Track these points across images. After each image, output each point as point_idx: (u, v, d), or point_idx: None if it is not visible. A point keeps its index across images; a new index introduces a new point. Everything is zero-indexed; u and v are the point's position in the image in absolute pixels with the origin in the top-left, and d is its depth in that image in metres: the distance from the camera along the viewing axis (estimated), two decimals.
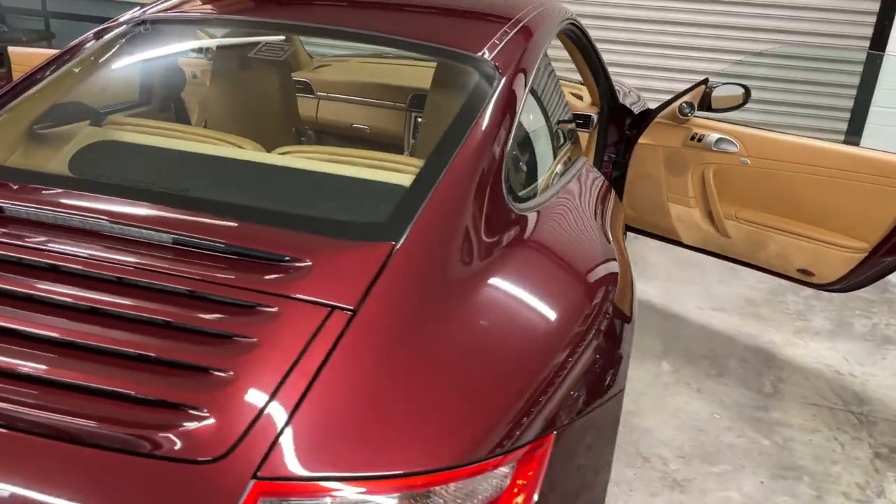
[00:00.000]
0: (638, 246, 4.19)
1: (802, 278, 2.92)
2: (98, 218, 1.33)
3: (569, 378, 1.32)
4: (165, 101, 2.54)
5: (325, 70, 3.61)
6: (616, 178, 3.30)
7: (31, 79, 1.88)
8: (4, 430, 1.03)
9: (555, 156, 2.12)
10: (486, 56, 1.84)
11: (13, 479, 1.00)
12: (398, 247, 1.32)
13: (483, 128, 1.64)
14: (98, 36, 2.03)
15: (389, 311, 1.23)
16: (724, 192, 2.99)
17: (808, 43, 5.24)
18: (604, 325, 1.52)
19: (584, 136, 3.48)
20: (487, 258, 1.43)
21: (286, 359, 1.12)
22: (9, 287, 1.21)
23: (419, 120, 3.15)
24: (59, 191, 1.43)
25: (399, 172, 1.65)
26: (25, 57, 3.30)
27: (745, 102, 3.01)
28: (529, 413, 1.20)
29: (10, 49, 3.23)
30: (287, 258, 1.27)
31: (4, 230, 1.32)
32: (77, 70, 1.99)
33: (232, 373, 1.10)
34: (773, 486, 2.39)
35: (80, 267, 1.24)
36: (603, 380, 1.44)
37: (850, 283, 2.83)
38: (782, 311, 3.59)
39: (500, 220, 1.53)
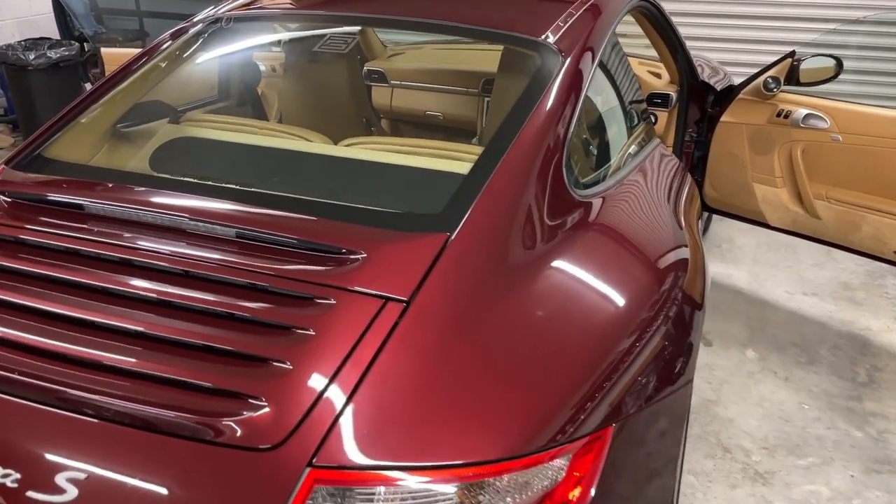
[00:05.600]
0: (724, 228, 4.04)
1: None
2: (168, 214, 1.39)
3: (630, 368, 1.29)
4: (243, 97, 2.62)
5: (398, 58, 3.64)
6: (698, 158, 3.19)
7: (114, 80, 1.98)
8: (74, 415, 1.10)
9: (624, 139, 2.07)
10: (549, 39, 1.81)
11: (80, 462, 1.07)
12: (452, 237, 1.32)
13: (542, 113, 1.62)
14: (175, 36, 2.11)
15: (443, 301, 1.23)
16: (814, 170, 2.83)
17: None
18: (671, 312, 1.47)
19: (663, 115, 3.37)
20: (546, 246, 1.41)
21: (341, 350, 1.14)
22: (85, 280, 1.28)
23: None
24: (137, 189, 1.50)
25: (458, 161, 1.65)
26: (117, 57, 3.47)
27: (836, 75, 2.85)
28: (587, 404, 1.19)
29: (104, 50, 3.41)
30: (343, 250, 1.29)
31: (84, 226, 1.40)
32: (157, 70, 2.08)
33: (289, 363, 1.13)
34: (865, 480, 2.26)
35: (149, 261, 1.30)
36: (668, 370, 1.40)
37: None
38: (881, 295, 3.38)
39: (560, 207, 1.51)
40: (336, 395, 1.09)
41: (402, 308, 1.20)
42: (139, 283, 1.27)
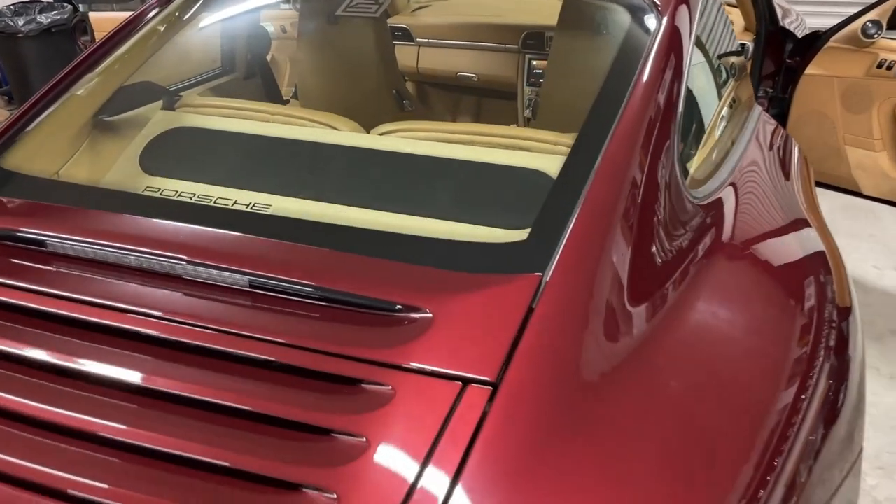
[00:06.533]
0: None
1: None
2: (157, 256, 1.02)
3: (807, 453, 0.92)
4: (251, 68, 2.23)
5: (424, 12, 3.20)
6: (774, 116, 2.77)
7: (91, 58, 1.59)
8: None
9: (728, 112, 1.67)
10: None
11: None
12: (547, 279, 0.94)
13: (644, 89, 1.22)
14: (163, 1, 1.72)
15: (544, 380, 0.86)
16: None
17: None
18: (836, 348, 1.09)
19: None
20: (677, 281, 1.03)
21: (407, 469, 0.78)
22: (36, 356, 0.92)
23: (534, 63, 2.73)
24: (118, 217, 1.13)
25: (530, 153, 1.27)
26: (108, 23, 3.08)
27: None
28: None
29: (92, 15, 3.02)
30: (398, 307, 0.92)
31: (44, 275, 1.04)
32: (147, 41, 1.69)
33: (333, 494, 0.77)
34: None
35: (128, 326, 0.94)
36: (850, 434, 1.04)
37: None
38: None
39: (682, 221, 1.13)
40: None
41: (489, 393, 0.84)
42: (114, 360, 0.91)
